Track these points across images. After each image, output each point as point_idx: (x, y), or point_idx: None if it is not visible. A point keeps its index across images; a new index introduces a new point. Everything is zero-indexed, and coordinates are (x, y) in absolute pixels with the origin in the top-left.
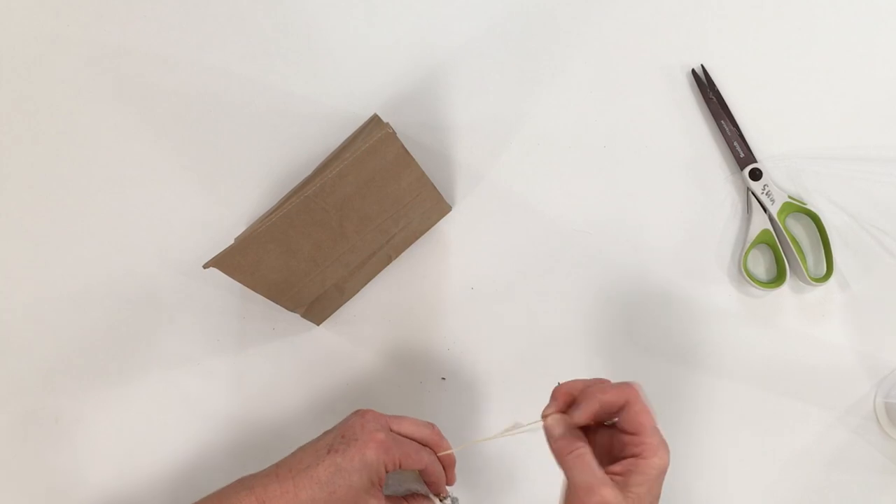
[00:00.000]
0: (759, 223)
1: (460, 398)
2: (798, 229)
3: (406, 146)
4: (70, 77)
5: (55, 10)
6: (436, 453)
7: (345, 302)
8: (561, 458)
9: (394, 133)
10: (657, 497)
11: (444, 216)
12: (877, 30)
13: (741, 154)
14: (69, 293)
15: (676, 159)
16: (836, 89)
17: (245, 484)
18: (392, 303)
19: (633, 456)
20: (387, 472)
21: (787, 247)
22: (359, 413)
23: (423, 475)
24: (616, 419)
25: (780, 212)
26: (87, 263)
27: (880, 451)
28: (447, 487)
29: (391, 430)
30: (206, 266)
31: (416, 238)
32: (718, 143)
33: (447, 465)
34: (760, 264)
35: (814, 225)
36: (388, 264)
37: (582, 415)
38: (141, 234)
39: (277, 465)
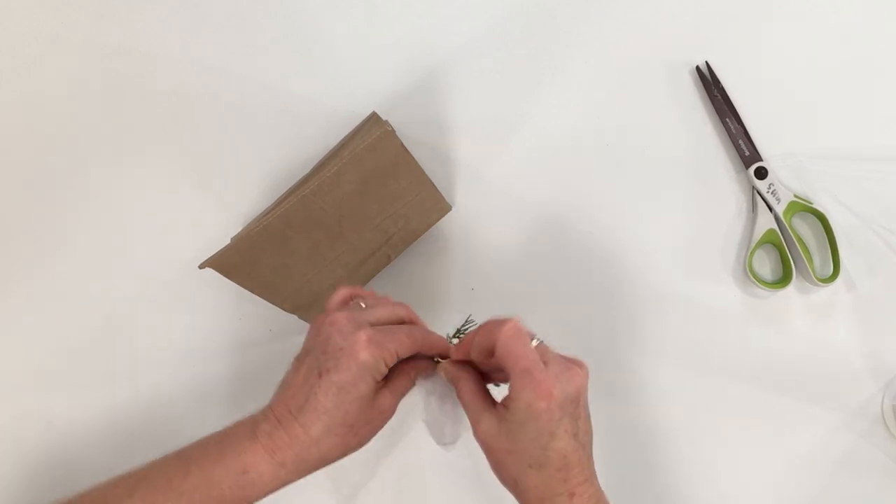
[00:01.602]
0: (765, 223)
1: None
2: (804, 229)
3: (405, 145)
4: (67, 76)
5: (54, 9)
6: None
7: None
8: (455, 389)
9: (393, 131)
10: (549, 435)
11: (443, 215)
12: (884, 26)
13: (746, 152)
14: (63, 293)
15: (680, 158)
16: (843, 87)
17: (245, 433)
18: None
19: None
20: (387, 366)
21: (792, 247)
22: (326, 322)
23: (423, 352)
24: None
25: (786, 211)
26: (82, 264)
27: (887, 454)
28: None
29: (368, 318)
30: (201, 266)
31: (416, 238)
32: (723, 141)
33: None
34: (766, 264)
35: (820, 224)
36: (387, 264)
37: (456, 352)
38: (136, 233)
39: (271, 411)
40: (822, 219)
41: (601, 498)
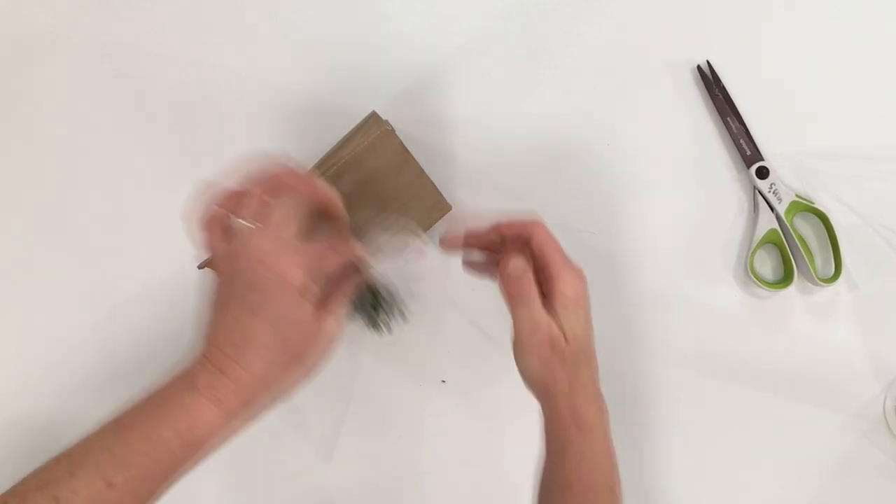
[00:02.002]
0: (766, 222)
1: (460, 401)
2: (806, 229)
3: (405, 144)
4: (64, 75)
5: (50, 6)
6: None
7: None
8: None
9: (393, 130)
10: (587, 320)
11: (444, 215)
12: (886, 25)
13: (747, 152)
14: (60, 294)
15: (681, 157)
16: (845, 85)
17: (184, 387)
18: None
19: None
20: (318, 286)
21: (794, 247)
22: (243, 255)
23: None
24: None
25: (788, 211)
26: (81, 263)
27: (890, 455)
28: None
29: (281, 235)
30: (200, 266)
31: None
32: (724, 140)
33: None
34: (767, 265)
35: (822, 224)
36: None
37: (476, 227)
38: (134, 234)
39: (206, 359)
40: (823, 218)
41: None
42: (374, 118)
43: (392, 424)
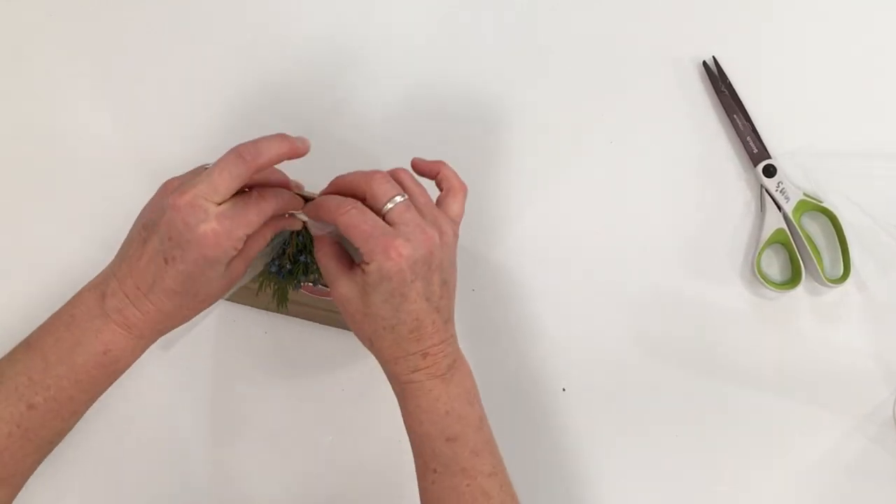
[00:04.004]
0: (773, 222)
1: None
2: (814, 228)
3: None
4: (59, 72)
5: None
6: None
7: None
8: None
9: None
10: (401, 297)
11: None
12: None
13: (754, 150)
14: (63, 292)
15: (686, 155)
16: (854, 81)
17: (95, 311)
18: None
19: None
20: (237, 250)
21: (802, 247)
22: (169, 205)
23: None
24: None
25: (795, 210)
26: (82, 263)
27: None
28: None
29: (207, 201)
30: None
31: None
32: (731, 138)
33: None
34: (774, 265)
35: (830, 224)
36: None
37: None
38: None
39: (118, 285)
40: (832, 218)
41: (458, 358)
42: None
43: (392, 428)
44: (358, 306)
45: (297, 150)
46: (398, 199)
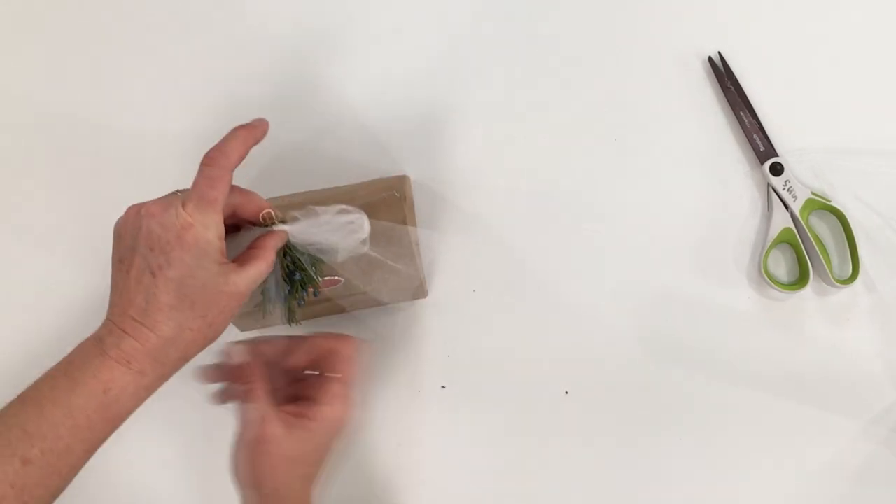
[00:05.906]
0: (781, 221)
1: (460, 407)
2: (822, 228)
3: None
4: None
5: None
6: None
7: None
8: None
9: (401, 198)
10: (328, 452)
11: (414, 299)
12: None
13: (761, 147)
14: (62, 292)
15: (691, 153)
16: (863, 78)
17: (92, 352)
18: (390, 307)
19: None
20: (220, 239)
21: (810, 246)
22: (141, 213)
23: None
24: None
25: (803, 209)
26: (81, 262)
27: None
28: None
29: (185, 203)
30: None
31: (379, 305)
32: (737, 135)
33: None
34: (782, 265)
35: (839, 223)
36: (341, 312)
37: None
38: None
39: (112, 323)
40: (840, 217)
41: None
42: (396, 182)
43: (391, 431)
44: (284, 449)
45: (256, 133)
46: None
